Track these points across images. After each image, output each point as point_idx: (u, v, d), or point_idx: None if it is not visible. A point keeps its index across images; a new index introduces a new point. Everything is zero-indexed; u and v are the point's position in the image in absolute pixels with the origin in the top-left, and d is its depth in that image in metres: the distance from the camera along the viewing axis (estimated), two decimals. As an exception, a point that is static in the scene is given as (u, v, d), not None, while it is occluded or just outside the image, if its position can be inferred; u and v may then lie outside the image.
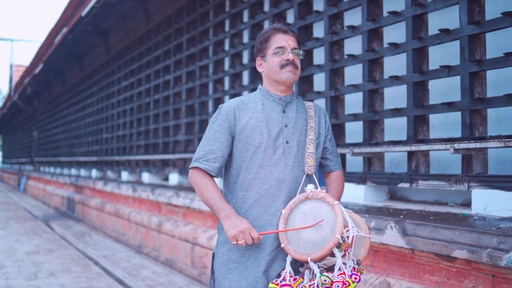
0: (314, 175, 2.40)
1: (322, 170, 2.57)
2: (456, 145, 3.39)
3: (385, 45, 4.17)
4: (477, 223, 3.03)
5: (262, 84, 2.51)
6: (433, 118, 4.00)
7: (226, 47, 6.66)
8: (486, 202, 3.26)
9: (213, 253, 2.47)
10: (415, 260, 3.22)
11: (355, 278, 2.12)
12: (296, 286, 2.18)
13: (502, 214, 3.14)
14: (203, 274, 5.66)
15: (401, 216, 3.44)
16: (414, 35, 3.83)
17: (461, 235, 2.88)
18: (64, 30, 10.23)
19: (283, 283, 2.20)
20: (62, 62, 14.39)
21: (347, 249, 2.14)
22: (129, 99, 10.05)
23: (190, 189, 6.71)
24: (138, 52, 9.56)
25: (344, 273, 2.10)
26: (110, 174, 11.04)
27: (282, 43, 2.39)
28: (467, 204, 3.67)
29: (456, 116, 3.64)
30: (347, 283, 2.08)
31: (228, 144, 2.38)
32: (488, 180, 3.27)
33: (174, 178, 7.71)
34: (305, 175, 2.38)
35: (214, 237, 5.48)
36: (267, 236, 2.28)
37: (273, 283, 2.22)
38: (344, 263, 2.14)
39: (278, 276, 2.27)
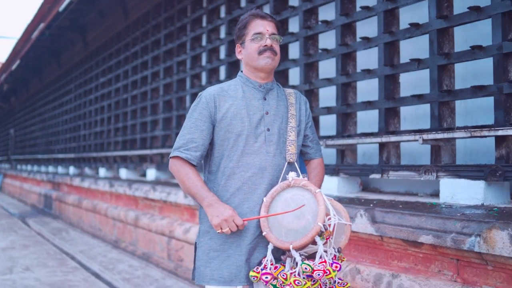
0: (295, 163, 2.40)
1: (303, 158, 2.57)
2: (425, 136, 3.48)
3: (358, 39, 4.25)
4: (443, 210, 3.12)
5: (242, 71, 2.48)
6: (404, 111, 4.10)
7: (204, 42, 6.70)
8: (454, 191, 3.35)
9: (195, 243, 2.44)
10: (384, 247, 3.31)
11: (336, 267, 2.10)
12: (277, 275, 2.16)
13: (469, 202, 3.23)
14: (179, 267, 5.69)
15: (371, 205, 3.52)
16: (385, 29, 3.91)
17: (427, 221, 2.97)
18: (41, 25, 10.16)
19: (264, 271, 2.19)
20: (40, 59, 14.27)
21: (328, 237, 2.13)
22: (107, 96, 10.02)
23: (167, 183, 6.74)
24: (116, 48, 9.54)
25: (325, 261, 2.09)
26: (87, 171, 10.99)
27: (260, 29, 2.35)
28: (436, 194, 3.76)
29: (426, 108, 3.73)
30: (328, 271, 2.07)
31: (209, 133, 2.34)
32: (456, 169, 3.36)
33: (151, 173, 7.72)
34: (286, 163, 2.36)
35: (190, 230, 5.52)
36: (249, 224, 2.27)
37: (253, 271, 2.21)
38: (326, 251, 2.13)
39: (259, 264, 2.26)
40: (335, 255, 2.16)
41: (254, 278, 2.21)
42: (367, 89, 4.31)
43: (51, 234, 8.89)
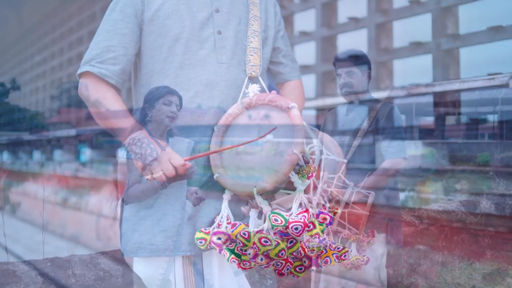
0: (259, 78, 1.72)
1: (275, 80, 1.90)
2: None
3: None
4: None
5: None
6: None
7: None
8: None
9: (122, 200, 1.70)
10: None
11: (324, 219, 1.43)
12: (236, 235, 1.48)
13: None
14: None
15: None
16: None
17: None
18: None
19: (216, 230, 1.54)
20: None
21: (311, 175, 1.44)
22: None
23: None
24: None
25: (307, 211, 1.41)
26: None
27: None
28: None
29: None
30: (310, 225, 1.40)
31: (133, 38, 1.67)
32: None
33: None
34: (247, 78, 1.70)
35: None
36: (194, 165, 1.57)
37: (201, 231, 1.56)
38: (310, 200, 1.46)
39: (211, 223, 1.59)
40: (324, 205, 1.50)
41: (201, 242, 1.54)
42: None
43: None
